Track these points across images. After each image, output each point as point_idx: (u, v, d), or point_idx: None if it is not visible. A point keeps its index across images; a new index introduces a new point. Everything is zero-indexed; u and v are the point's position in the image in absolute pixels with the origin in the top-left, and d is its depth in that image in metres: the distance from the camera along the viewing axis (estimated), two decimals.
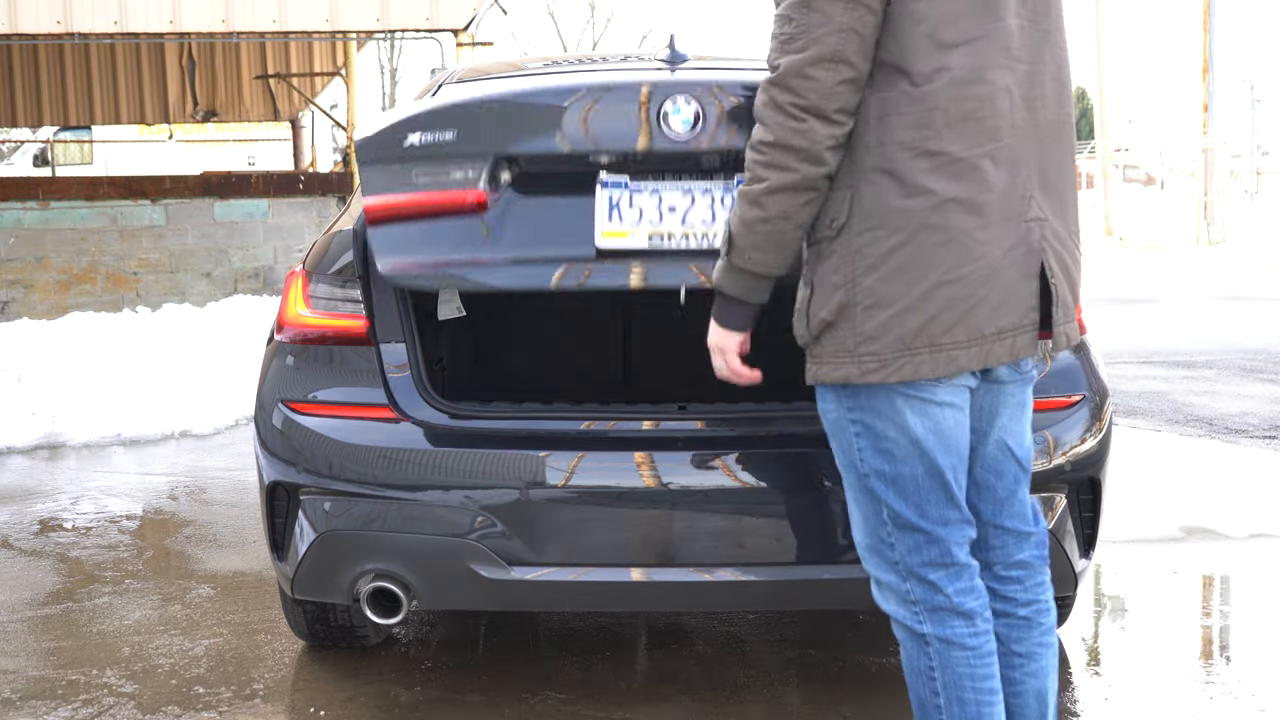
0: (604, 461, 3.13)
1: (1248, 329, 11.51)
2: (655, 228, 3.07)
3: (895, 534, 2.41)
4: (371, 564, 3.17)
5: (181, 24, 10.17)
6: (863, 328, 2.30)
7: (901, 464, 2.37)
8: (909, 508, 2.38)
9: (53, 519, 5.52)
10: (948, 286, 2.27)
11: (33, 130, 22.05)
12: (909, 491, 2.38)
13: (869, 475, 2.40)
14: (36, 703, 3.51)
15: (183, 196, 12.15)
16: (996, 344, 2.32)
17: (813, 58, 2.26)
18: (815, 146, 2.27)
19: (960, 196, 2.27)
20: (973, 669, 2.40)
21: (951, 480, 2.39)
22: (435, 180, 3.09)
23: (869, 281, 2.29)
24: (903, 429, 2.35)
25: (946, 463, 2.38)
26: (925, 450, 2.36)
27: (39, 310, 11.34)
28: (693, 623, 4.03)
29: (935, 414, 2.36)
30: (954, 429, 2.39)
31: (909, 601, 2.42)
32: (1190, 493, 5.79)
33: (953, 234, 2.27)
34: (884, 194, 2.28)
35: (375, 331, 3.24)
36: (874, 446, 2.38)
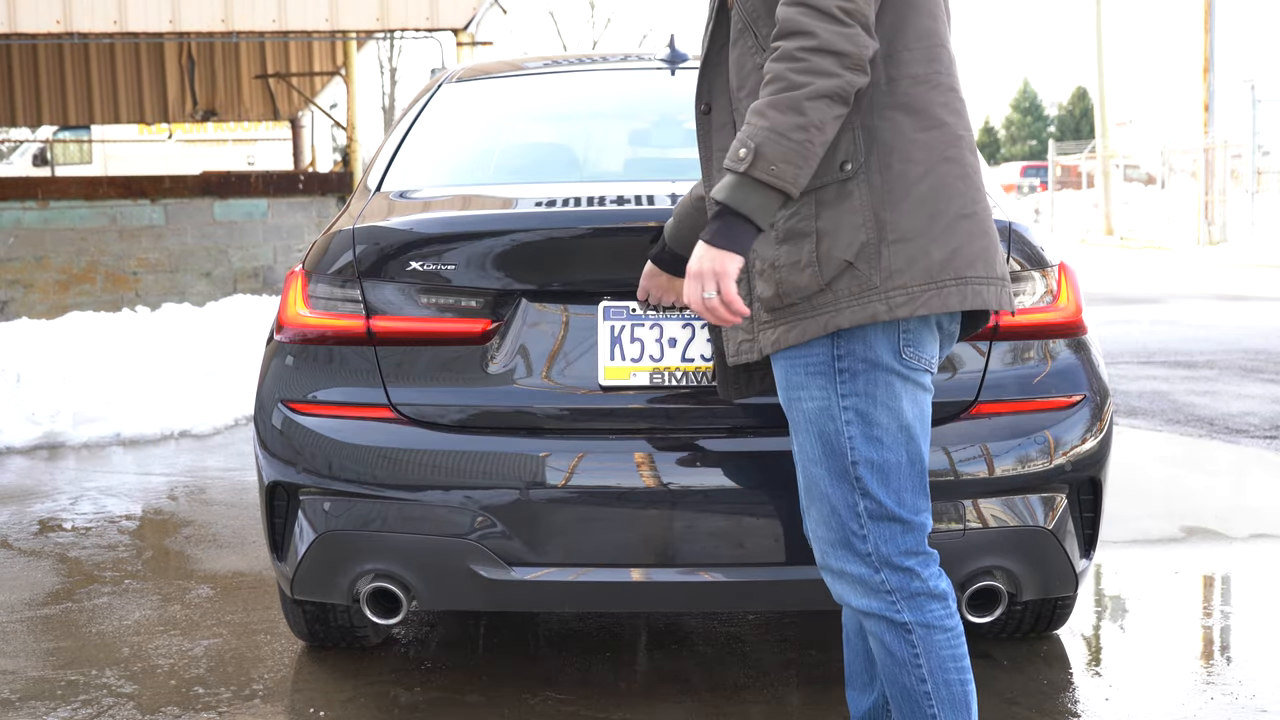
0: (604, 461, 3.12)
1: (1249, 329, 11.51)
2: (656, 364, 3.11)
3: (869, 525, 2.37)
4: (371, 564, 3.17)
5: (181, 24, 10.18)
6: (889, 263, 2.25)
7: (889, 451, 2.34)
8: (889, 496, 2.36)
9: (52, 519, 5.52)
10: (967, 220, 2.27)
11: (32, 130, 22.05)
12: (892, 479, 2.35)
13: (857, 463, 2.35)
14: (36, 703, 3.50)
15: (182, 196, 12.16)
16: (1004, 289, 2.33)
17: None
18: (861, 52, 2.17)
19: (964, 133, 2.30)
20: (954, 649, 2.41)
21: (925, 468, 2.41)
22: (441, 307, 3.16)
23: (892, 216, 2.24)
24: (896, 415, 2.33)
25: (925, 449, 2.40)
26: (913, 436, 2.36)
27: (38, 310, 11.35)
28: (693, 623, 4.02)
29: (923, 400, 2.37)
30: (929, 415, 2.41)
31: (883, 592, 2.39)
32: (1191, 493, 5.79)
33: (966, 169, 2.27)
34: (902, 129, 2.25)
35: (375, 331, 3.24)
36: (865, 434, 2.34)
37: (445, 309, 3.16)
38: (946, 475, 3.07)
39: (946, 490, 3.07)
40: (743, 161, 2.18)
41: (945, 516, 3.07)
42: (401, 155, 3.81)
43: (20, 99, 17.19)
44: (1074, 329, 3.27)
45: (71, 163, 25.79)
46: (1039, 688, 3.53)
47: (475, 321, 3.15)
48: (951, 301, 2.27)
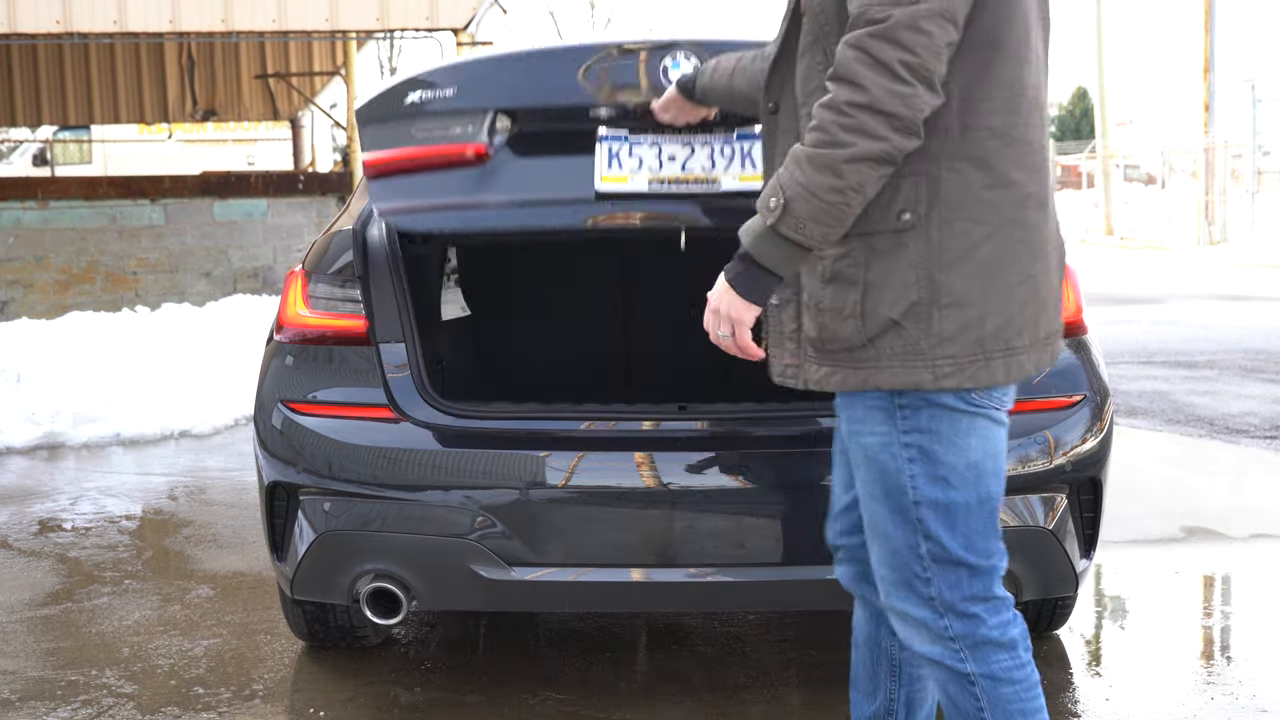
0: (604, 462, 3.12)
1: (1249, 329, 11.51)
2: (655, 174, 3.11)
3: (933, 568, 2.20)
4: (371, 564, 3.17)
5: (181, 23, 10.17)
6: (940, 328, 2.10)
7: (956, 491, 2.17)
8: (955, 539, 2.19)
9: (52, 519, 5.52)
10: (1022, 286, 2.13)
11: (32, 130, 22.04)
12: (958, 522, 2.18)
13: (919, 504, 2.18)
14: (36, 703, 3.50)
15: (182, 196, 12.16)
16: (1045, 349, 2.20)
17: (929, 10, 1.99)
18: (915, 115, 2.01)
19: (1035, 189, 2.14)
20: (1023, 703, 2.22)
21: (997, 508, 2.23)
22: (435, 135, 3.16)
23: (948, 278, 2.09)
24: (964, 453, 2.17)
25: (997, 489, 2.22)
26: (982, 475, 2.18)
27: (38, 310, 11.35)
28: (693, 623, 4.02)
29: (995, 435, 2.20)
30: (1004, 452, 2.23)
31: (946, 639, 2.22)
32: (1191, 493, 5.79)
33: (1029, 230, 2.13)
34: (970, 184, 2.08)
35: (375, 331, 3.24)
36: (929, 473, 2.17)
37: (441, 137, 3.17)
38: None
39: None
40: (772, 213, 2.07)
41: None
42: None
43: (20, 99, 17.18)
44: (1074, 329, 3.27)
45: (71, 163, 25.79)
46: None
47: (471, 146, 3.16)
48: (997, 375, 2.13)
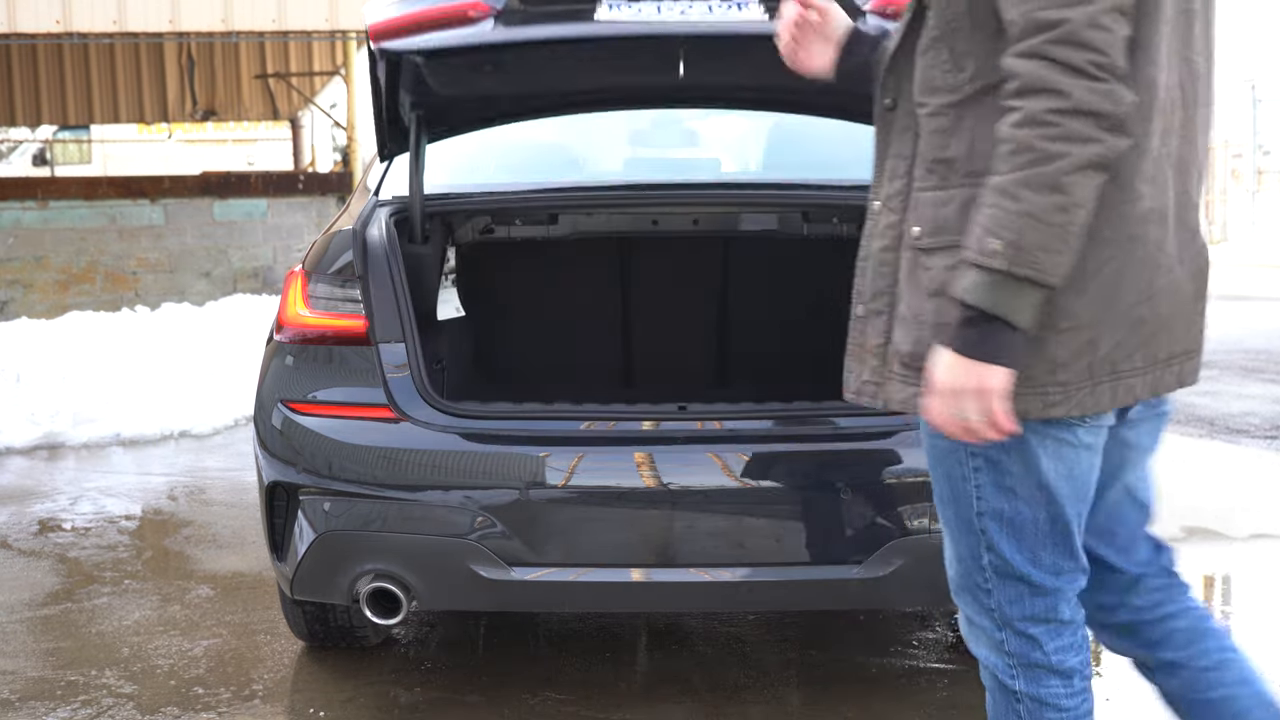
0: (604, 462, 3.12)
1: (1249, 329, 11.50)
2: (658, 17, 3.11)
3: (994, 580, 2.11)
4: (371, 564, 3.17)
5: (181, 24, 10.17)
6: (1054, 354, 1.94)
7: (1023, 505, 2.06)
8: (1021, 554, 2.08)
9: (52, 519, 5.52)
10: (1140, 306, 1.97)
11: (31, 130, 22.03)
12: (1025, 537, 2.07)
13: (983, 514, 2.08)
14: (35, 703, 3.50)
15: (182, 196, 12.16)
16: (1166, 371, 2.05)
17: (1107, 6, 1.83)
18: (1121, 112, 1.84)
19: (1156, 201, 1.98)
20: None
21: (1074, 528, 2.10)
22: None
23: (1065, 300, 1.91)
24: (1032, 468, 2.04)
25: (1073, 510, 2.08)
26: (1054, 495, 2.06)
27: (38, 310, 11.34)
28: (693, 623, 4.02)
29: (1070, 456, 2.05)
30: (1086, 473, 2.08)
31: (1002, 652, 2.14)
32: (1191, 493, 5.79)
33: (1150, 246, 1.97)
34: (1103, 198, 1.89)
35: (375, 331, 3.24)
36: (995, 484, 2.05)
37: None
38: None
39: None
40: (997, 256, 1.84)
41: None
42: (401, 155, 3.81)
43: (20, 99, 17.18)
44: None
45: (71, 163, 25.78)
46: None
47: None
48: (1103, 401, 1.99)
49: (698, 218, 4.23)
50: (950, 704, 3.41)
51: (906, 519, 3.07)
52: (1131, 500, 2.26)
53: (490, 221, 4.18)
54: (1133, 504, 2.27)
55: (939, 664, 3.68)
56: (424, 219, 3.52)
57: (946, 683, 3.55)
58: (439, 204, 3.59)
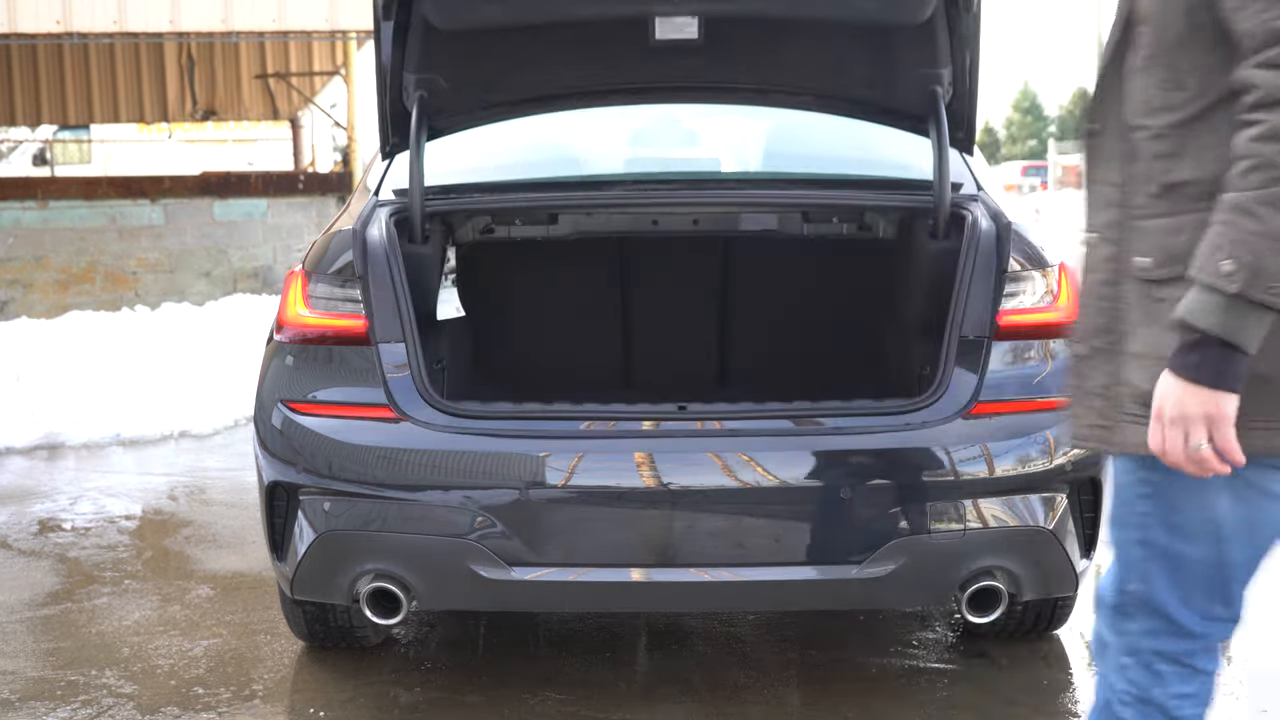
0: (604, 462, 3.12)
1: None
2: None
3: (1136, 608, 2.01)
4: (371, 564, 3.17)
5: (181, 24, 10.17)
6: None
7: (1186, 545, 1.95)
8: (1172, 591, 1.97)
9: (52, 519, 5.52)
10: None
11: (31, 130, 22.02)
12: (1181, 576, 1.97)
13: (1144, 543, 1.98)
14: (35, 703, 3.50)
15: (182, 196, 12.15)
16: None
17: None
18: None
19: None
20: None
21: (1235, 579, 1.99)
22: None
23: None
24: (1208, 508, 1.92)
25: (1242, 558, 1.96)
26: (1224, 539, 1.93)
27: (38, 310, 11.34)
28: (693, 623, 4.02)
29: (1258, 504, 1.92)
30: (1269, 524, 1.95)
31: (1126, 678, 2.04)
32: None
33: None
34: None
35: (375, 331, 3.24)
36: (1162, 516, 1.95)
37: None
38: (945, 475, 3.07)
39: (946, 491, 3.07)
40: (1231, 279, 1.73)
41: (945, 517, 3.08)
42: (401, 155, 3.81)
43: (20, 99, 17.17)
44: None
45: (71, 163, 25.77)
46: (1039, 688, 3.53)
47: None
48: None
49: (698, 218, 4.23)
50: (950, 704, 3.41)
51: (906, 519, 3.08)
52: None
53: (490, 221, 4.19)
54: None
55: (939, 664, 3.68)
56: (424, 219, 3.52)
57: (946, 683, 3.55)
58: (439, 204, 3.59)
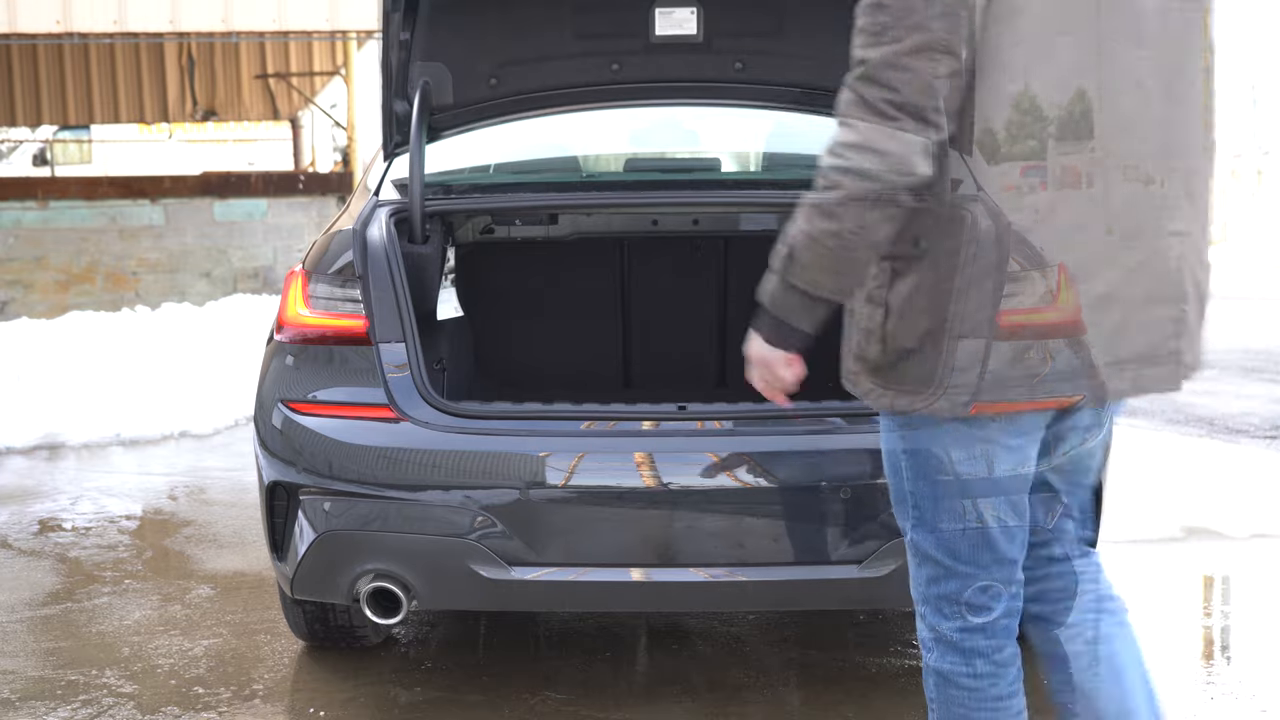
0: (604, 462, 3.12)
1: (1249, 329, 11.50)
2: None
3: (916, 560, 2.25)
4: (371, 564, 3.17)
5: (181, 24, 10.18)
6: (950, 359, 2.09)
7: (943, 494, 2.18)
8: (941, 543, 2.20)
9: (52, 519, 5.52)
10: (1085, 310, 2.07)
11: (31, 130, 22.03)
12: (943, 524, 2.20)
13: (915, 494, 2.23)
14: (36, 703, 3.50)
15: (182, 196, 12.16)
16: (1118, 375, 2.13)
17: (911, 47, 1.97)
18: (906, 151, 1.98)
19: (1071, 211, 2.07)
20: (968, 711, 2.23)
21: (992, 522, 2.19)
22: None
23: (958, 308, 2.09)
24: (949, 461, 2.17)
25: (990, 503, 2.19)
26: (969, 488, 2.18)
27: (38, 310, 11.34)
28: (693, 623, 4.02)
29: (989, 452, 2.17)
30: (1007, 471, 2.19)
31: (927, 627, 2.27)
32: (1191, 493, 5.79)
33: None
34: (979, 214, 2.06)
35: (375, 331, 3.24)
36: (918, 471, 2.20)
37: None
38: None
39: None
40: (780, 262, 2.08)
41: None
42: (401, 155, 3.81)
43: (20, 99, 17.18)
44: (1074, 328, 3.27)
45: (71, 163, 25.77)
46: (1039, 688, 3.52)
47: None
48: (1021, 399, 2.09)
49: (698, 218, 4.23)
50: None
51: None
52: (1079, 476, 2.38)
53: (490, 221, 4.19)
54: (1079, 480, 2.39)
55: None
56: (424, 219, 3.52)
57: None
58: (439, 204, 3.59)
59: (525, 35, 3.83)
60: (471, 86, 3.89)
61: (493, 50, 3.85)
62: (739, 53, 3.91)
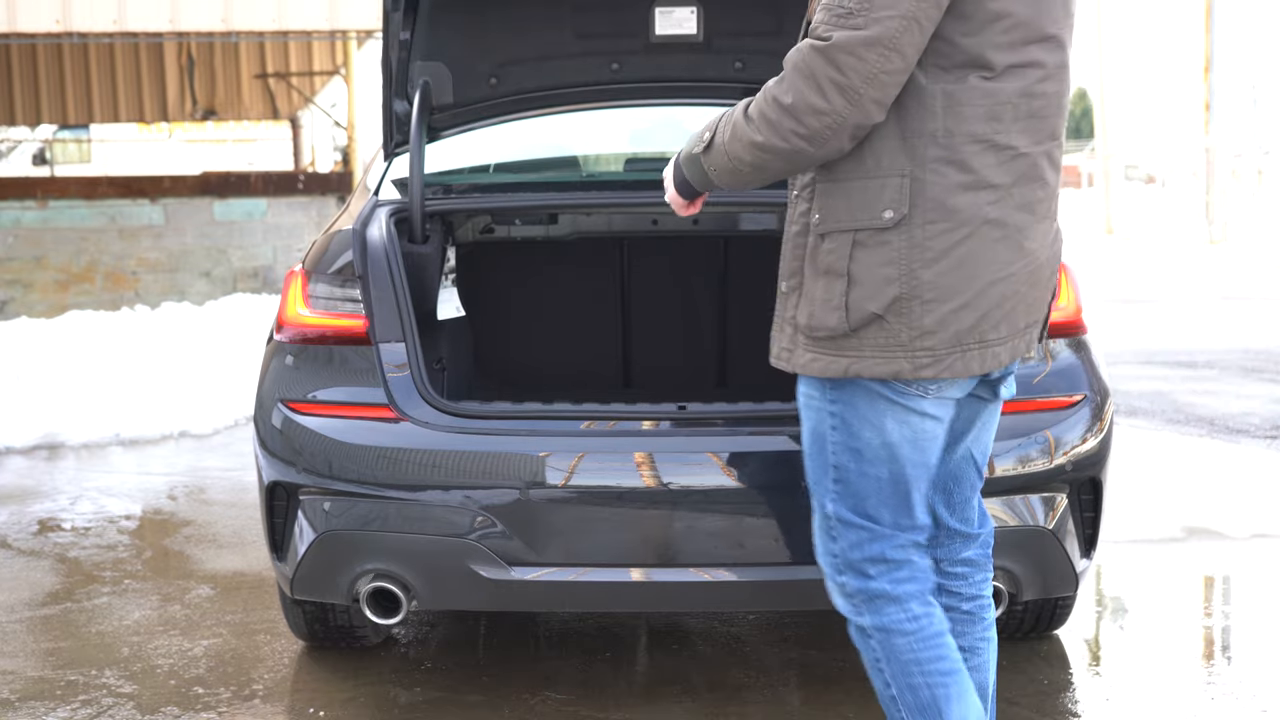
0: (604, 462, 3.12)
1: (1249, 329, 11.50)
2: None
3: (839, 529, 2.41)
4: (371, 564, 3.17)
5: (181, 23, 10.17)
6: (920, 322, 2.25)
7: (868, 465, 2.37)
8: (860, 506, 2.39)
9: (51, 519, 5.52)
10: (1001, 283, 2.26)
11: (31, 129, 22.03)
12: (867, 492, 2.38)
13: (836, 468, 2.40)
14: (35, 703, 3.50)
15: (182, 196, 12.16)
16: (1023, 338, 2.34)
17: (868, 38, 2.16)
18: (824, 131, 2.21)
19: (1019, 193, 2.27)
20: (916, 654, 2.39)
21: (913, 489, 2.39)
22: None
23: (929, 275, 2.24)
24: (879, 431, 2.34)
25: (914, 473, 2.38)
26: (896, 457, 2.36)
27: (38, 310, 11.34)
28: (693, 623, 4.02)
29: (916, 423, 2.35)
30: (930, 441, 2.38)
31: (847, 595, 2.43)
32: (1191, 493, 5.79)
33: (1009, 230, 2.26)
34: (950, 186, 2.23)
35: (375, 331, 3.24)
36: (845, 444, 2.37)
37: None
38: None
39: None
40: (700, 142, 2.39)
41: None
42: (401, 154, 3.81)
43: (20, 99, 17.18)
44: (1074, 329, 3.28)
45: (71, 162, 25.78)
46: (1039, 688, 3.53)
47: None
48: (973, 366, 2.28)
49: (698, 218, 4.23)
50: None
51: None
52: (971, 464, 2.54)
53: (490, 221, 4.19)
54: (971, 467, 2.55)
55: None
56: (424, 219, 3.52)
57: None
58: (439, 204, 3.59)
59: (525, 35, 3.84)
60: (471, 86, 3.89)
61: (493, 50, 3.86)
62: (739, 52, 3.91)
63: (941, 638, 2.41)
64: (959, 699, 2.40)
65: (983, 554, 2.61)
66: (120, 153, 26.20)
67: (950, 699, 2.39)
